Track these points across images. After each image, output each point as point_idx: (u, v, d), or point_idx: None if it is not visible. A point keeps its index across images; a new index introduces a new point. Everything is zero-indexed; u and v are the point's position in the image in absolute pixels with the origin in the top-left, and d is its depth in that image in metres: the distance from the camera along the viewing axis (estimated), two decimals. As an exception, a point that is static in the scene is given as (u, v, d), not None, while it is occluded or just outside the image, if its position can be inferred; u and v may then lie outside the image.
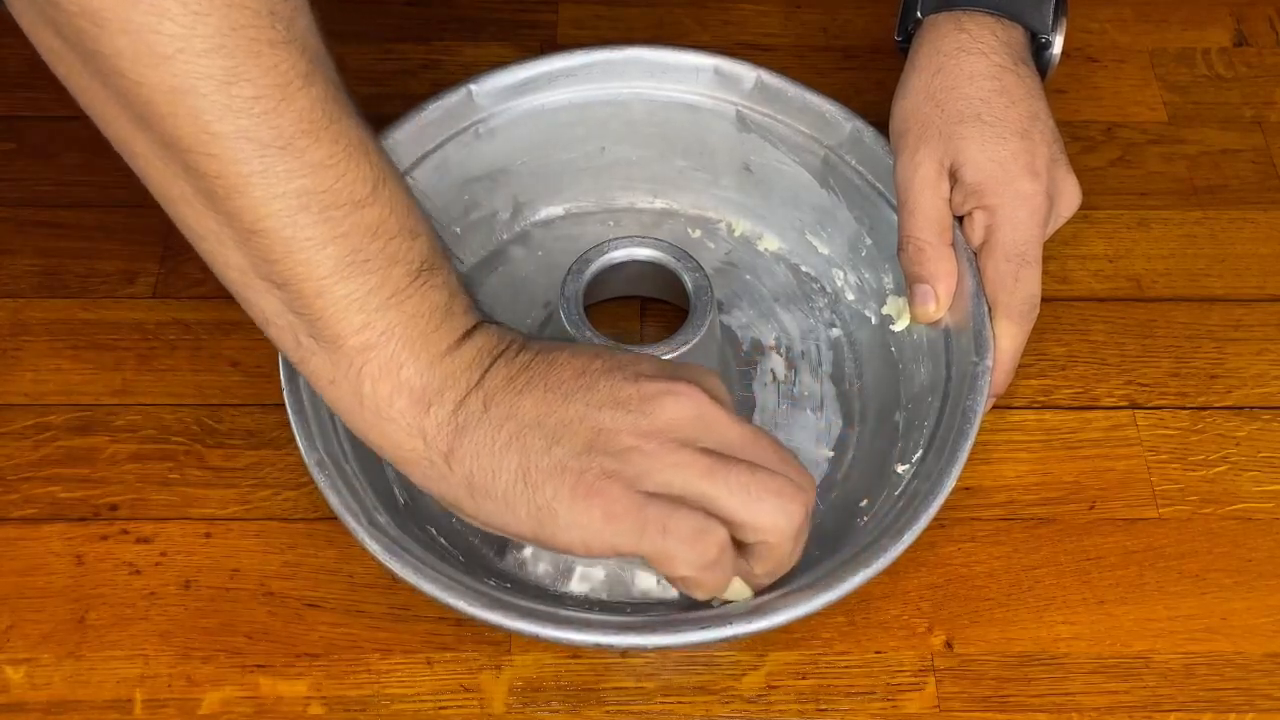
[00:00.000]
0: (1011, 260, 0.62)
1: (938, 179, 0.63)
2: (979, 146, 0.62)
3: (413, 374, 0.50)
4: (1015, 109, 0.63)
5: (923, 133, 0.64)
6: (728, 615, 0.53)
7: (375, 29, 0.82)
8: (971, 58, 0.64)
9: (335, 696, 0.58)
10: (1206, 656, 0.60)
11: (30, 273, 0.70)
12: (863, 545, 0.56)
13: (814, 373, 0.68)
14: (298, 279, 0.49)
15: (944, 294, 0.62)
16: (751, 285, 0.71)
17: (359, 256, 0.49)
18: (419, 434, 0.51)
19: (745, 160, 0.71)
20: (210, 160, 0.47)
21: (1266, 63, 0.81)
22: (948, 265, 0.62)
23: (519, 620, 0.52)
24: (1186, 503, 0.64)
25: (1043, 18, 0.66)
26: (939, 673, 0.59)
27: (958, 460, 0.57)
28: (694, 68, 0.69)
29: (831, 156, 0.68)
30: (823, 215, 0.70)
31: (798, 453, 0.65)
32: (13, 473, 0.64)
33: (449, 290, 0.52)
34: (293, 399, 0.57)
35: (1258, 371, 0.68)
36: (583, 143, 0.71)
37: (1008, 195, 0.62)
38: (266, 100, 0.46)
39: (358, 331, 0.50)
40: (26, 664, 0.58)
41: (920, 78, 0.65)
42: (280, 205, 0.47)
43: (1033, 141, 0.63)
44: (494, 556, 0.61)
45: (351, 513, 0.55)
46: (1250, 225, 0.74)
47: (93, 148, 0.75)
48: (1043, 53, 0.68)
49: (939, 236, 0.63)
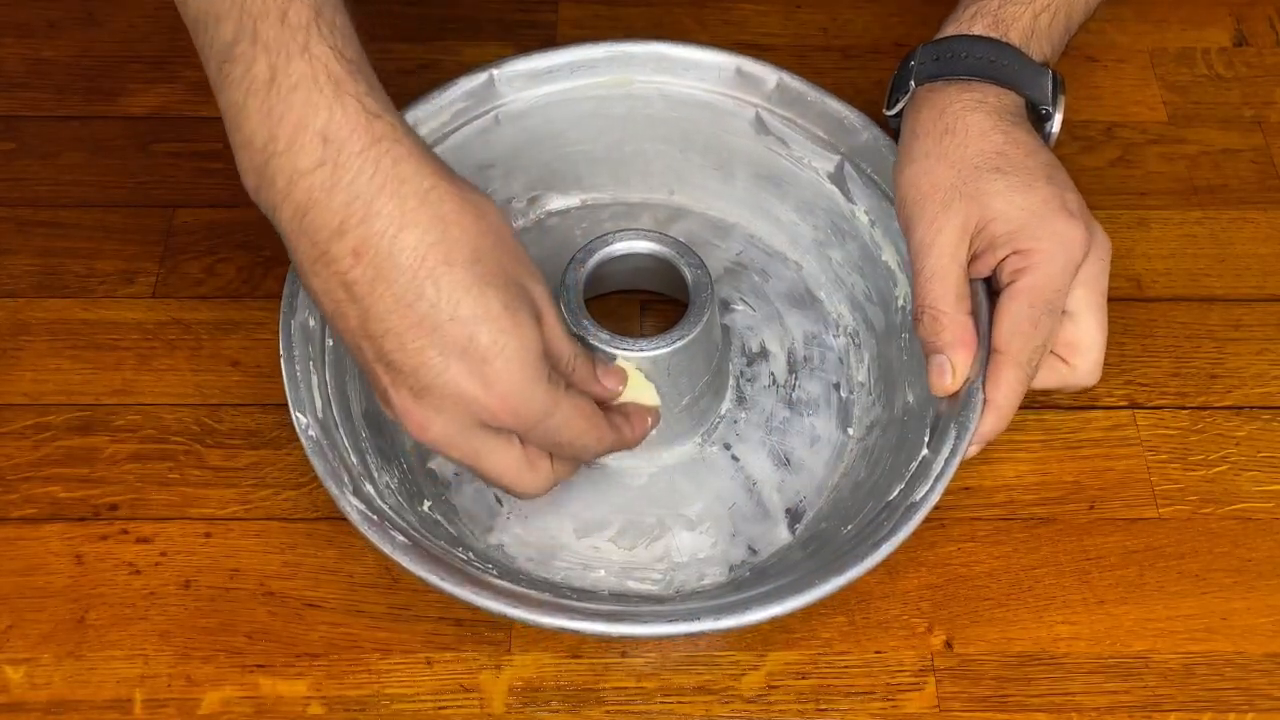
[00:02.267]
0: (1036, 306, 0.59)
1: (958, 245, 0.60)
2: (1005, 199, 0.59)
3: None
4: (1034, 158, 0.61)
5: (941, 197, 0.60)
6: (695, 611, 0.54)
7: (375, 29, 0.82)
8: (978, 115, 0.62)
9: (335, 696, 0.58)
10: (1206, 656, 0.60)
11: (30, 273, 0.70)
12: (838, 554, 0.56)
13: (815, 378, 0.68)
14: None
15: (961, 365, 0.59)
16: (759, 287, 0.71)
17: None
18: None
19: (762, 161, 0.70)
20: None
21: (1266, 63, 0.81)
22: (966, 335, 0.59)
23: (464, 588, 0.54)
24: (1186, 503, 0.64)
25: (1042, 89, 0.64)
26: (939, 672, 0.59)
27: (942, 482, 0.57)
28: (716, 66, 0.69)
29: (847, 163, 0.68)
30: (836, 221, 0.69)
31: (791, 455, 0.65)
32: (13, 473, 0.64)
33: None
34: (288, 366, 0.59)
35: (1258, 371, 0.68)
36: (601, 135, 0.71)
37: (1045, 236, 0.59)
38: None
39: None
40: (26, 664, 0.58)
41: (925, 142, 0.62)
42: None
43: (1060, 187, 0.60)
44: (481, 535, 0.62)
45: (335, 480, 0.56)
46: (1250, 225, 0.74)
47: (93, 148, 0.75)
48: (1042, 125, 0.65)
49: (956, 305, 0.60)
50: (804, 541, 0.62)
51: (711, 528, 0.63)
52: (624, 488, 0.64)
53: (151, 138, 0.76)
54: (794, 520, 0.63)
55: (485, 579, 0.55)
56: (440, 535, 0.59)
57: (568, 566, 0.61)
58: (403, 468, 0.63)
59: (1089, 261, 0.60)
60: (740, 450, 0.65)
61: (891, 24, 0.82)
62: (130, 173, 0.75)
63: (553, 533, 0.62)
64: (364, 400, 0.63)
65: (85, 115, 0.77)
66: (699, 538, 0.63)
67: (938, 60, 0.64)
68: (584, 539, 0.62)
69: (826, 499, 0.63)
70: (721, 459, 0.65)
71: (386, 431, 0.63)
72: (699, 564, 0.62)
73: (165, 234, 0.72)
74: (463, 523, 0.62)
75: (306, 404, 0.58)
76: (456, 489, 0.63)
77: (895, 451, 0.62)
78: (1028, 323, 0.59)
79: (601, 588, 0.61)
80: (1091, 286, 0.61)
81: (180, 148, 0.75)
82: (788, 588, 0.55)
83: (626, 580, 0.61)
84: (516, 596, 0.54)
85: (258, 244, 0.72)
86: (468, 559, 0.57)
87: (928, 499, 0.57)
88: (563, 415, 0.54)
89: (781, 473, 0.65)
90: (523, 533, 0.62)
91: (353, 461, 0.58)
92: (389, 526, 0.55)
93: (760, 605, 0.54)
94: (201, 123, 0.77)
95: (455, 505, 0.63)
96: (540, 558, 0.62)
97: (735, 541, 0.63)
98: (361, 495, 0.56)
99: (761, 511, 0.63)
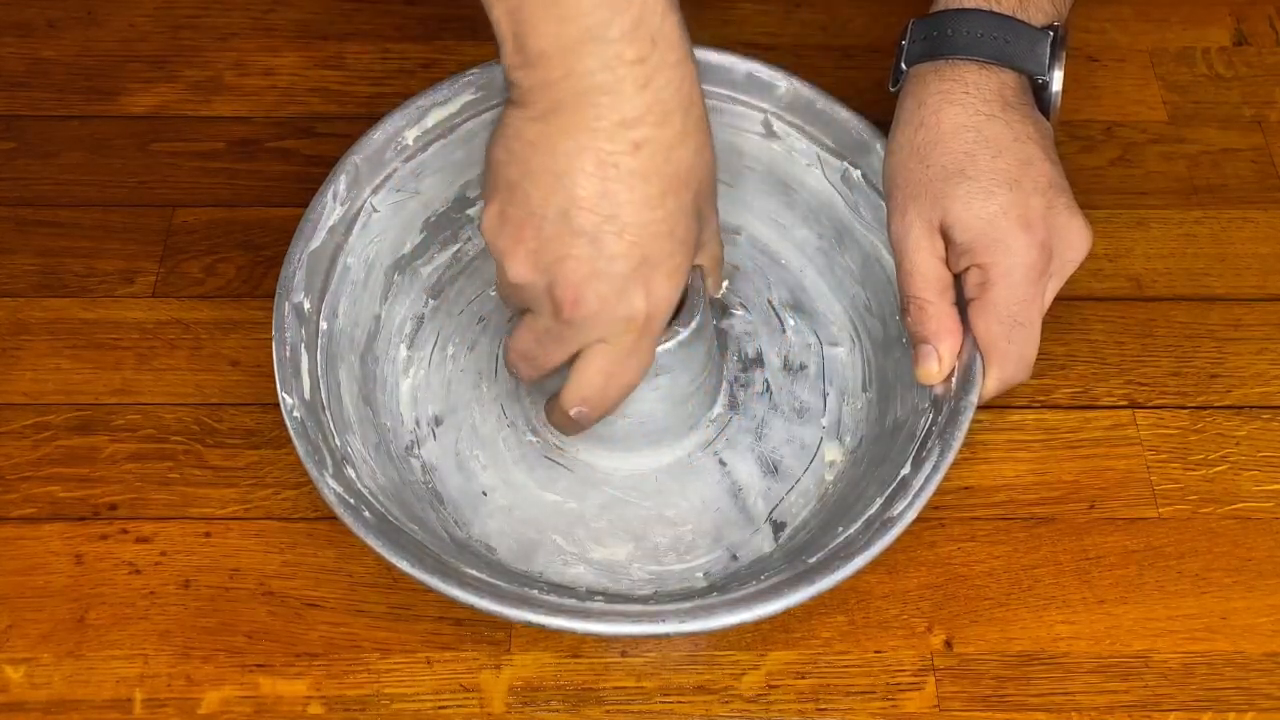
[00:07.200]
0: (1004, 322, 0.60)
1: (930, 238, 0.61)
2: (964, 204, 0.60)
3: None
4: (1002, 159, 0.60)
5: (911, 191, 0.61)
6: (662, 613, 0.55)
7: (375, 29, 0.82)
8: (953, 109, 0.62)
9: (335, 696, 0.58)
10: (1206, 656, 0.60)
11: (30, 272, 0.70)
12: (814, 565, 0.56)
13: (809, 388, 0.67)
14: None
15: (947, 354, 0.60)
16: (759, 293, 0.70)
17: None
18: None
19: (769, 167, 0.70)
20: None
21: (1266, 62, 0.81)
22: (950, 324, 0.60)
23: (432, 575, 0.54)
24: (1186, 502, 0.64)
25: (1038, 59, 0.63)
26: (939, 672, 0.59)
27: (921, 498, 0.57)
28: (726, 69, 0.69)
29: (852, 172, 0.68)
30: (840, 230, 0.69)
31: (780, 463, 0.65)
32: (12, 472, 0.64)
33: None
34: (278, 348, 0.59)
35: (1258, 371, 0.68)
36: None
37: (999, 253, 0.60)
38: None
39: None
40: (26, 663, 0.58)
41: (905, 133, 0.63)
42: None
43: (1024, 192, 0.60)
44: (464, 525, 0.62)
45: (315, 462, 0.56)
46: (1250, 225, 0.74)
47: (93, 148, 0.75)
48: (1041, 93, 0.64)
49: (940, 295, 0.61)
50: (786, 550, 0.62)
51: (694, 531, 0.63)
52: (609, 486, 0.64)
53: (151, 137, 0.76)
54: (777, 528, 0.63)
55: (451, 564, 0.56)
56: (428, 528, 0.59)
57: (548, 561, 0.61)
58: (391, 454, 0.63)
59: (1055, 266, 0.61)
60: (728, 456, 0.65)
61: (891, 24, 0.82)
62: (130, 172, 0.75)
63: (536, 527, 0.63)
64: (358, 384, 0.63)
65: (85, 115, 0.77)
66: (681, 540, 0.63)
67: (926, 40, 0.64)
68: (566, 535, 0.62)
69: (811, 509, 0.63)
70: (709, 463, 0.65)
71: (380, 418, 0.64)
72: (679, 566, 0.62)
73: (165, 234, 0.72)
74: (447, 512, 0.62)
75: (293, 385, 0.59)
76: (442, 479, 0.63)
77: (880, 465, 0.61)
78: (1001, 339, 0.60)
79: (580, 584, 0.61)
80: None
81: (180, 148, 0.75)
82: (756, 596, 0.55)
83: (605, 578, 0.61)
84: (483, 586, 0.55)
85: (258, 244, 0.72)
86: (440, 545, 0.58)
87: (905, 515, 0.56)
88: (642, 361, 0.57)
89: (768, 480, 0.64)
90: (506, 525, 0.62)
91: (336, 445, 0.59)
92: (364, 509, 0.56)
93: (728, 610, 0.54)
94: (201, 122, 0.77)
95: (441, 494, 0.63)
96: (522, 551, 0.62)
97: (717, 546, 0.62)
98: (342, 479, 0.57)
99: (745, 518, 0.63)
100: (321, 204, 0.64)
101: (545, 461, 0.64)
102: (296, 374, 0.59)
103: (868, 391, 0.67)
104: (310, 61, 0.80)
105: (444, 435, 0.65)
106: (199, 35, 0.81)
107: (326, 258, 0.64)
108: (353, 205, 0.65)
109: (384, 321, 0.67)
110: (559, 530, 0.62)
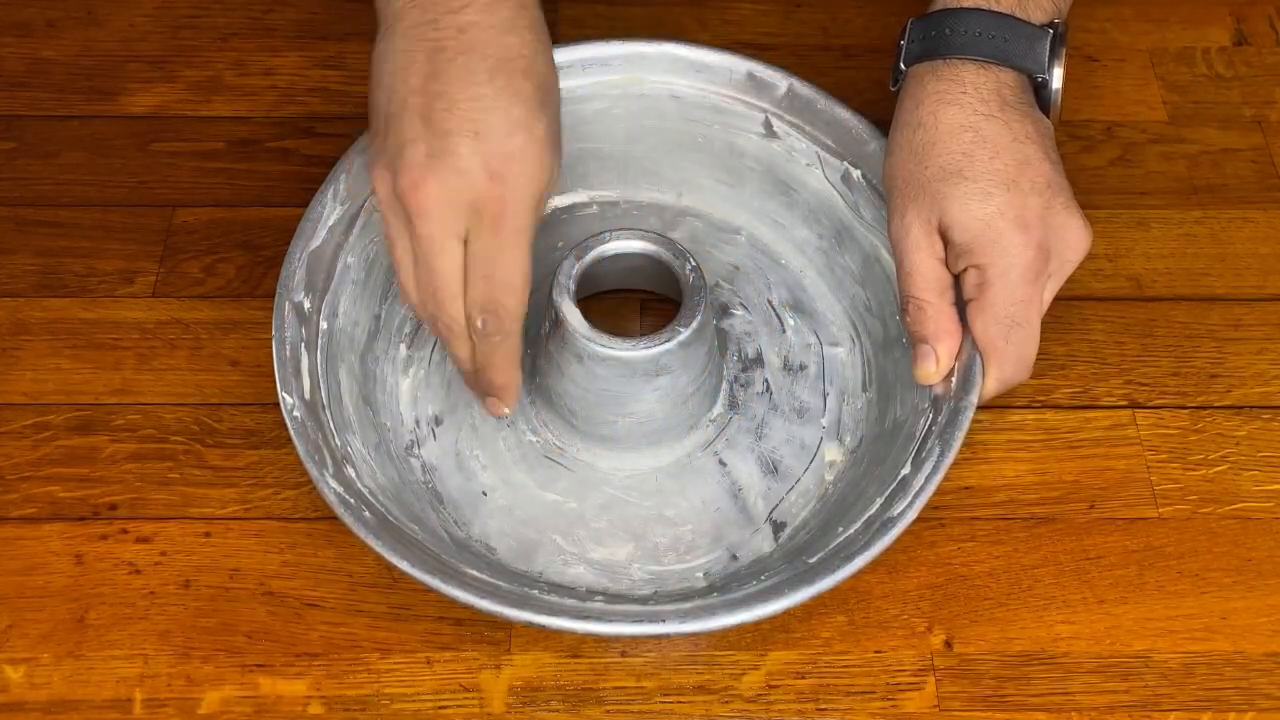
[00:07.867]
0: (1002, 322, 0.60)
1: (929, 239, 0.61)
2: (961, 205, 0.60)
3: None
4: (999, 160, 0.60)
5: (909, 191, 0.61)
6: (662, 613, 0.55)
7: (375, 29, 0.82)
8: (950, 109, 0.62)
9: (335, 696, 0.58)
10: (1206, 656, 0.60)
11: (30, 272, 0.70)
12: (813, 565, 0.56)
13: (809, 388, 0.67)
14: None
15: (945, 354, 0.60)
16: (759, 292, 0.70)
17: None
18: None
19: (769, 167, 0.70)
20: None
21: (1266, 62, 0.81)
22: (949, 324, 0.60)
23: (431, 574, 0.55)
24: (1186, 502, 0.64)
25: (1036, 57, 0.63)
26: (939, 672, 0.59)
27: (920, 499, 0.57)
28: (727, 69, 0.69)
29: (852, 172, 0.68)
30: (840, 230, 0.69)
31: (780, 463, 0.65)
32: (12, 472, 0.64)
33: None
34: (279, 347, 0.60)
35: (1257, 371, 0.68)
36: (610, 133, 0.71)
37: (996, 254, 0.59)
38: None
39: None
40: (26, 663, 0.58)
41: (903, 134, 0.63)
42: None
43: (1021, 193, 0.60)
44: (464, 525, 0.62)
45: (315, 462, 0.57)
46: (1250, 225, 0.74)
47: (93, 147, 0.75)
48: (1041, 91, 0.64)
49: (939, 296, 0.61)
50: (786, 550, 0.62)
51: (694, 531, 0.63)
52: (609, 486, 0.64)
53: (151, 137, 0.76)
54: (777, 529, 0.63)
55: (451, 564, 0.56)
56: (427, 528, 0.60)
57: (548, 561, 0.61)
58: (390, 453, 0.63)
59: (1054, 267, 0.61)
60: (729, 456, 0.65)
61: (891, 24, 0.82)
62: (130, 172, 0.75)
63: (536, 527, 0.63)
64: (358, 384, 0.63)
65: (85, 115, 0.77)
66: (681, 540, 0.63)
67: (924, 39, 0.64)
68: (566, 535, 0.62)
69: (811, 509, 0.63)
70: (709, 463, 0.65)
71: (380, 418, 0.64)
72: (679, 566, 0.62)
73: (165, 234, 0.72)
74: (447, 512, 0.62)
75: (294, 384, 0.59)
76: (442, 478, 0.63)
77: (880, 465, 0.62)
78: (999, 339, 0.60)
79: (580, 584, 0.61)
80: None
81: (180, 147, 0.75)
82: (756, 596, 0.55)
83: (605, 578, 0.61)
84: (483, 586, 0.55)
85: (258, 244, 0.72)
86: (440, 545, 0.58)
87: (905, 515, 0.57)
88: (514, 255, 0.57)
89: (768, 480, 0.64)
90: (505, 525, 0.63)
91: (336, 444, 0.59)
92: (364, 509, 0.56)
93: (728, 611, 0.54)
94: (201, 122, 0.77)
95: (441, 494, 0.63)
96: (522, 551, 0.62)
97: (717, 546, 0.62)
98: (342, 479, 0.57)
99: (745, 518, 0.63)
100: (321, 203, 0.64)
101: (545, 461, 0.64)
102: (296, 374, 0.60)
103: (868, 391, 0.67)
104: (310, 61, 0.80)
105: (444, 435, 0.65)
106: (199, 35, 0.81)
107: (326, 257, 0.64)
108: (353, 205, 0.65)
109: (384, 321, 0.67)
110: (559, 530, 0.62)
